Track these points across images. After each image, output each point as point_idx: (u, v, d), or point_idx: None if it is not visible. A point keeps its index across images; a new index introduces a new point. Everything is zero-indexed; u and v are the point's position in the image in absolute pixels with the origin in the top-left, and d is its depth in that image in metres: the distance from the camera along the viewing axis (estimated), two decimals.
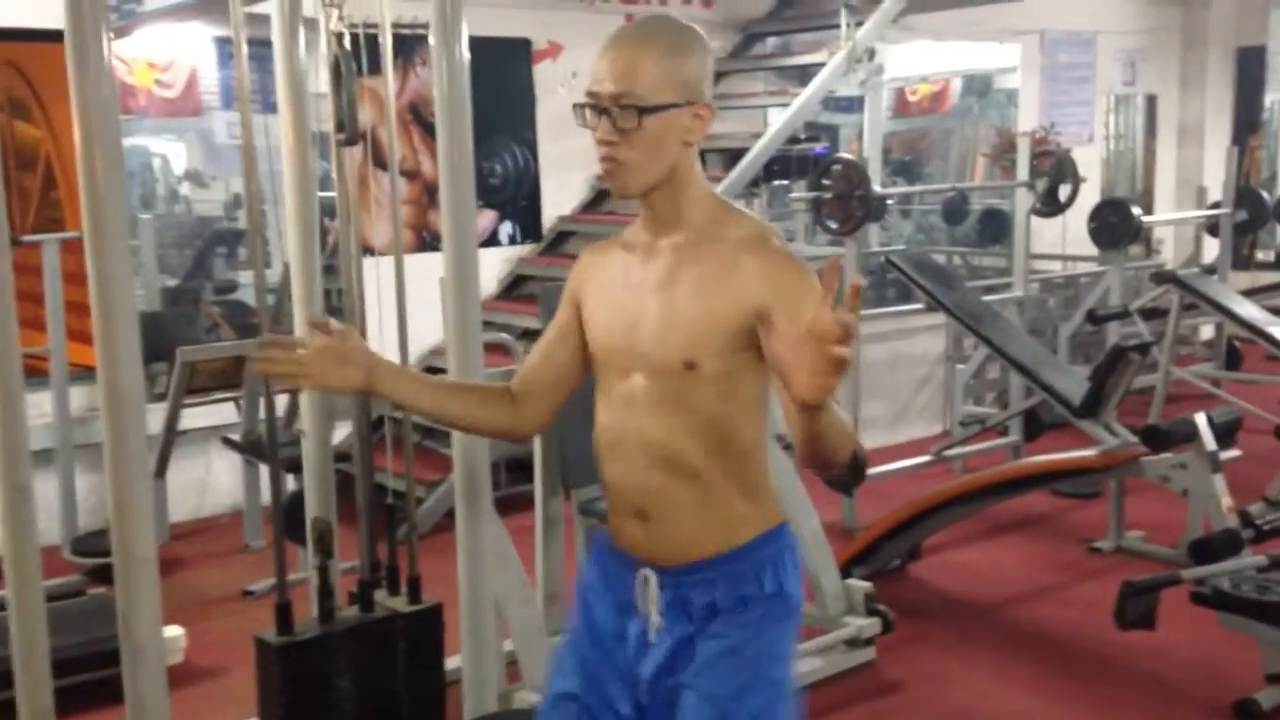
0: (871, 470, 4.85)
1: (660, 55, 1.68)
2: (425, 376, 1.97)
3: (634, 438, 1.76)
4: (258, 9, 2.74)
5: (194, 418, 4.93)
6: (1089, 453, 4.33)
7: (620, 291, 1.78)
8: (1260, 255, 9.15)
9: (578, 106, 1.72)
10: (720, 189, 5.44)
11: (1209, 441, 4.00)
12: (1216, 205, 7.32)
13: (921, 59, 8.64)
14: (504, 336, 4.63)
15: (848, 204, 5.24)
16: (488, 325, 3.24)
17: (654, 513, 1.76)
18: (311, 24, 2.61)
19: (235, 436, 4.81)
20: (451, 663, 2.89)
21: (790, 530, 1.83)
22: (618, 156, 1.69)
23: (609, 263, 1.83)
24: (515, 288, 6.12)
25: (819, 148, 6.57)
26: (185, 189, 7.08)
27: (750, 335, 1.67)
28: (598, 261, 1.86)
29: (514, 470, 4.99)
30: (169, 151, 6.94)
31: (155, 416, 4.45)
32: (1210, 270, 6.95)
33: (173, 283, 6.51)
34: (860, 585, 3.82)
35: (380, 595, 2.76)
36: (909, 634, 3.85)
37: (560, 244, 6.23)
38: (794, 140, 6.06)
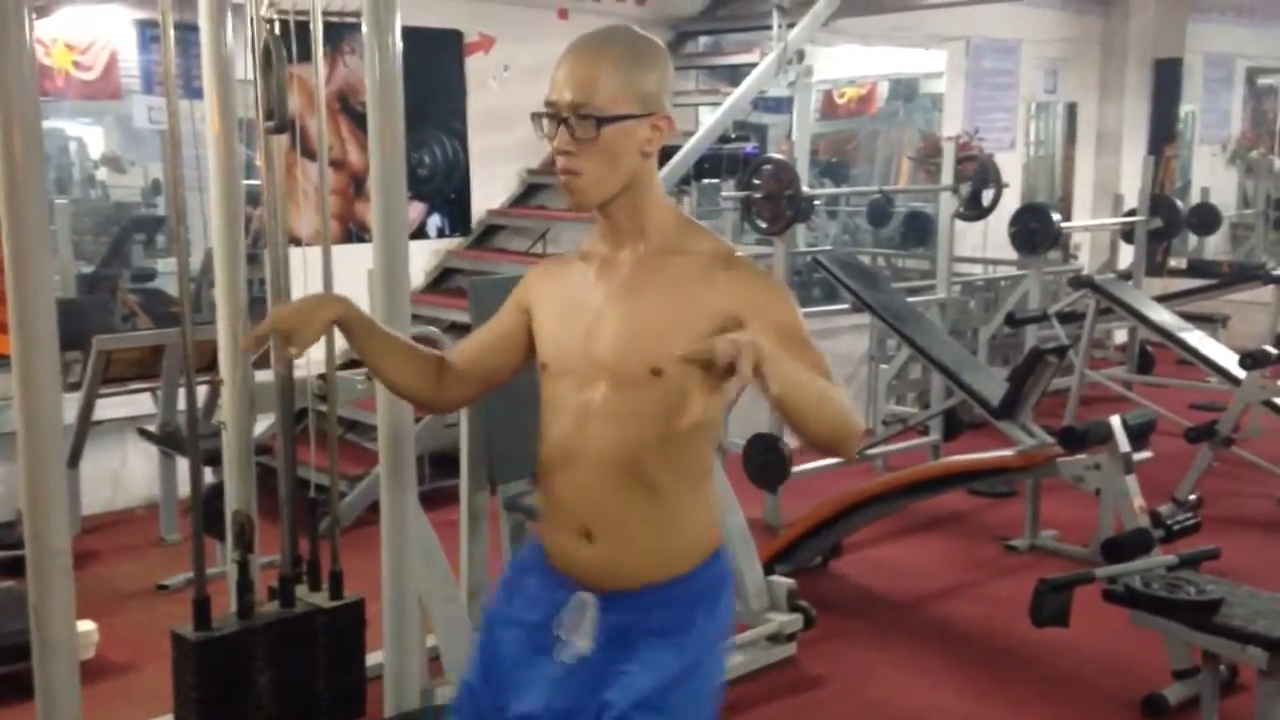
0: (795, 468, 4.90)
1: (619, 65, 1.66)
2: (376, 324, 1.93)
3: (592, 450, 1.72)
4: None
5: (109, 408, 4.81)
6: (1006, 453, 4.42)
7: (577, 303, 1.76)
8: (1173, 262, 9.41)
9: (535, 116, 1.69)
10: None
11: (1123, 443, 4.10)
12: (1132, 212, 7.51)
13: (850, 62, 8.75)
14: (432, 330, 4.58)
15: (777, 204, 5.29)
16: (414, 318, 3.21)
17: (603, 532, 1.72)
18: (239, 9, 2.56)
19: (152, 428, 4.71)
20: (373, 658, 2.86)
21: (728, 554, 1.84)
22: (575, 168, 1.67)
23: (566, 276, 1.81)
24: (443, 281, 6.07)
25: (749, 147, 6.62)
26: (103, 174, 6.92)
27: None
28: (554, 275, 1.84)
29: (439, 464, 4.96)
30: (86, 135, 6.78)
31: (69, 406, 4.34)
32: (1125, 276, 7.13)
33: (88, 269, 6.36)
34: (783, 582, 3.85)
35: (301, 590, 2.72)
36: (830, 630, 3.90)
37: (489, 238, 6.20)
38: (724, 139, 6.10)
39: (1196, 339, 5.88)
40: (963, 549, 4.80)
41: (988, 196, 6.35)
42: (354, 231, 5.64)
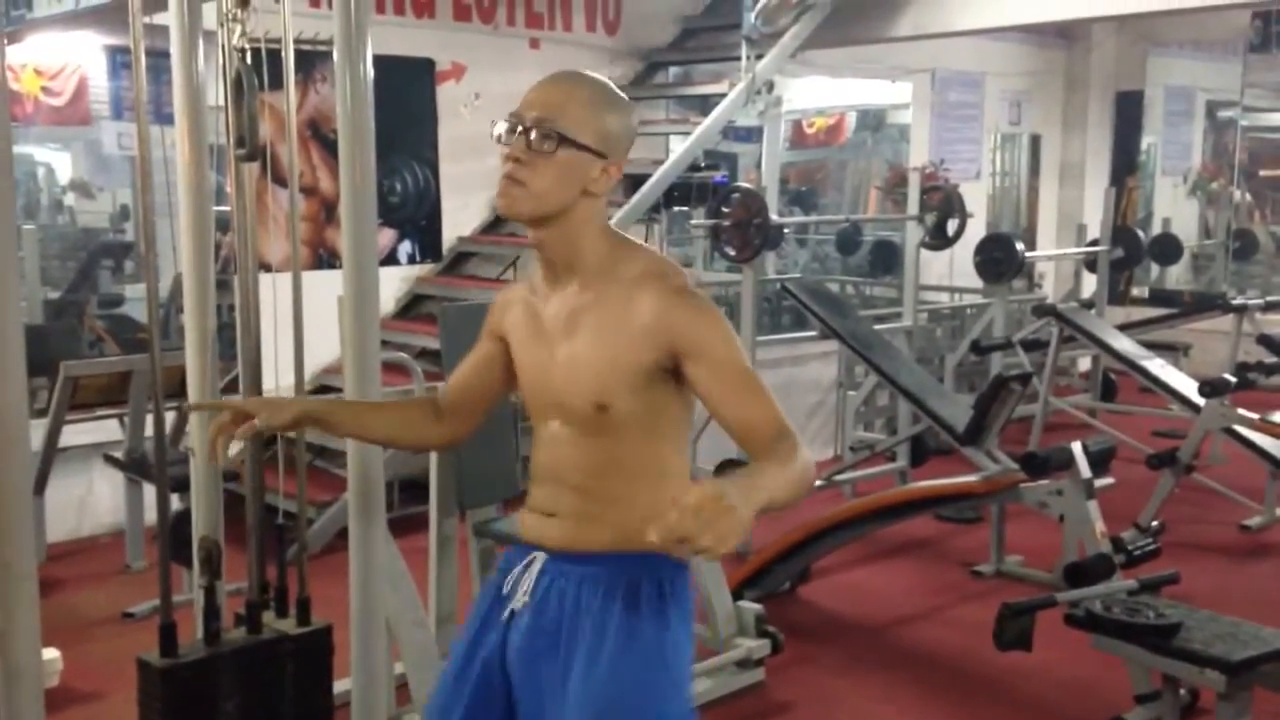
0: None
1: (589, 100, 1.72)
2: (348, 400, 2.06)
3: (561, 470, 1.81)
4: (155, 19, 2.69)
5: (75, 434, 4.78)
6: (971, 478, 4.46)
7: (532, 339, 1.83)
8: (1135, 291, 9.54)
9: (496, 124, 1.75)
10: (621, 214, 5.52)
11: (1084, 469, 4.15)
12: (1095, 242, 7.62)
13: (818, 93, 8.85)
14: (402, 356, 4.58)
15: (746, 232, 5.34)
16: (385, 345, 3.22)
17: (567, 517, 1.81)
18: (210, 35, 2.58)
19: (118, 454, 4.68)
20: (341, 685, 2.86)
21: (677, 561, 1.83)
22: (520, 176, 1.71)
23: (522, 309, 1.87)
24: (413, 307, 6.08)
25: (718, 176, 6.67)
26: (70, 199, 6.90)
27: (659, 371, 1.71)
28: (514, 307, 1.90)
29: (408, 490, 4.95)
30: (54, 161, 6.76)
31: (35, 433, 4.30)
32: (1088, 305, 7.23)
33: (56, 295, 6.33)
34: (751, 607, 3.87)
35: (268, 617, 2.71)
36: (798, 655, 3.92)
37: (460, 264, 6.22)
38: (694, 168, 6.15)
39: (1158, 367, 5.96)
40: (930, 574, 4.84)
41: (952, 226, 6.42)
42: (324, 258, 5.64)
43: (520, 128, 1.71)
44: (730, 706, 3.61)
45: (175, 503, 3.68)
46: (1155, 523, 4.91)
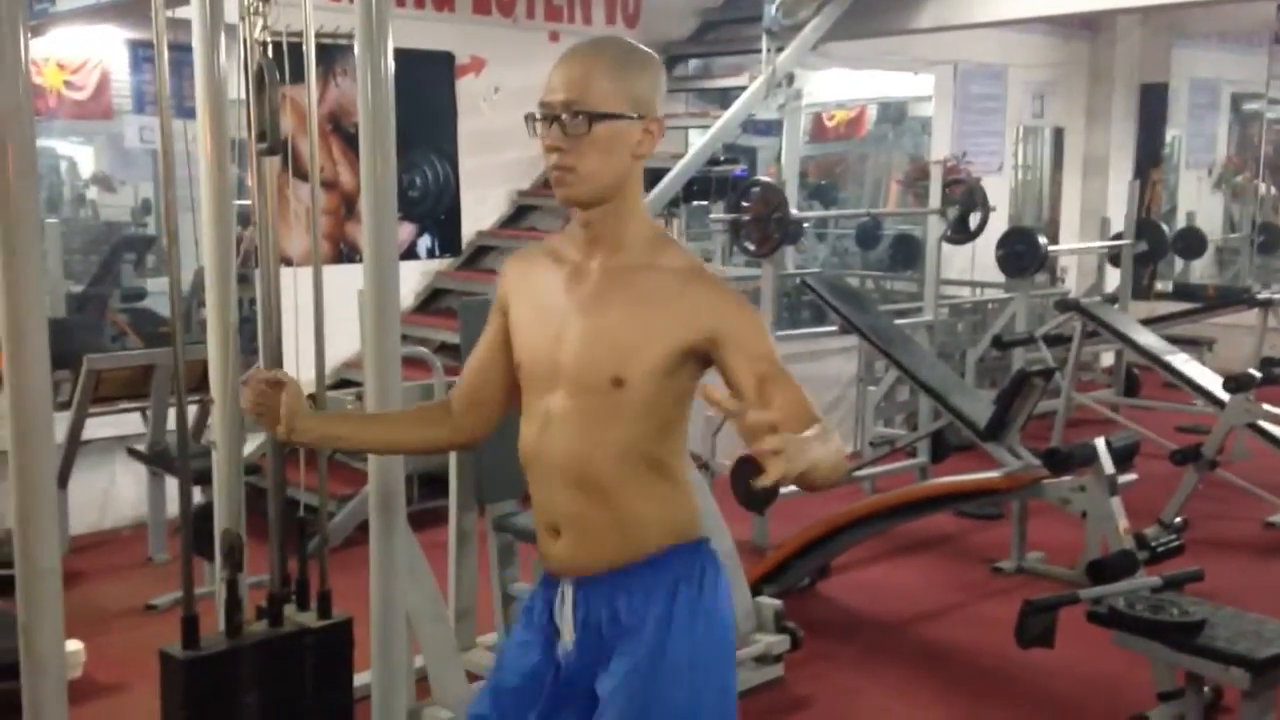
0: (783, 490, 4.90)
1: (611, 67, 1.70)
2: (354, 415, 2.01)
3: (549, 456, 1.76)
4: (177, 13, 2.70)
5: (97, 427, 4.81)
6: (993, 474, 4.44)
7: (546, 306, 1.79)
8: (1159, 285, 9.47)
9: (529, 117, 1.73)
10: None
11: (1107, 465, 4.12)
12: (1119, 236, 7.57)
13: (839, 86, 8.81)
14: (422, 350, 4.59)
15: (765, 226, 5.32)
16: (404, 339, 3.22)
17: (567, 529, 1.78)
18: (232, 29, 2.58)
19: (140, 447, 4.71)
20: (361, 678, 2.87)
21: (711, 550, 1.84)
22: (567, 164, 1.69)
23: (535, 272, 1.84)
24: (432, 301, 6.09)
25: (738, 170, 6.66)
26: (93, 193, 6.93)
27: (686, 359, 1.70)
28: (523, 269, 1.87)
29: (428, 484, 4.96)
30: (76, 154, 6.80)
31: (58, 426, 4.33)
32: (1112, 299, 7.18)
33: (78, 289, 6.36)
34: (770, 603, 3.86)
35: (289, 610, 2.72)
36: (817, 651, 3.91)
37: (479, 258, 6.22)
38: (714, 161, 6.14)
39: (1182, 362, 5.92)
40: (950, 571, 4.81)
41: (975, 220, 6.39)
42: (345, 252, 5.65)
43: (551, 117, 1.69)
44: (749, 702, 3.60)
45: (197, 496, 3.70)
46: (1179, 519, 4.87)
